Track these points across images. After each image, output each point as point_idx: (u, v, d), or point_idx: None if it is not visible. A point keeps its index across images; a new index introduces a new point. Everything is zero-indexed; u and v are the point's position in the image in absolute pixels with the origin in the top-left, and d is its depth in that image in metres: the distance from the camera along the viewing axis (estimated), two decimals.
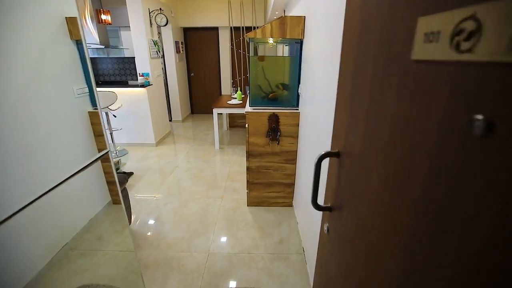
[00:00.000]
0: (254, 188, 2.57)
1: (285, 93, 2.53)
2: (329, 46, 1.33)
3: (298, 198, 2.35)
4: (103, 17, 3.68)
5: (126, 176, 2.20)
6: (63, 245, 1.16)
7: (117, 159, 3.15)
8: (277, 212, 2.56)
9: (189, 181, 3.19)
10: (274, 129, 2.28)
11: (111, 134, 3.94)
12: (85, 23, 4.19)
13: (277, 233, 2.28)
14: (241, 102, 4.13)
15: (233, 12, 5.25)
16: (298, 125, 2.28)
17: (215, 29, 5.73)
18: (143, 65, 4.15)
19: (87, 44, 4.44)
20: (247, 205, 2.67)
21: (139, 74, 4.18)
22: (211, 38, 5.83)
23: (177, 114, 5.77)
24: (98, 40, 4.33)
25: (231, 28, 5.37)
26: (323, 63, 1.45)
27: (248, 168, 2.48)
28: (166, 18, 4.22)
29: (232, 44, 5.55)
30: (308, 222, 1.89)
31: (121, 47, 5.25)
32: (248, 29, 5.42)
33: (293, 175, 2.49)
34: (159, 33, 5.16)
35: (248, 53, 5.55)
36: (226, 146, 4.34)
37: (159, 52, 4.46)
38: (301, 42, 2.12)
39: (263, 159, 2.43)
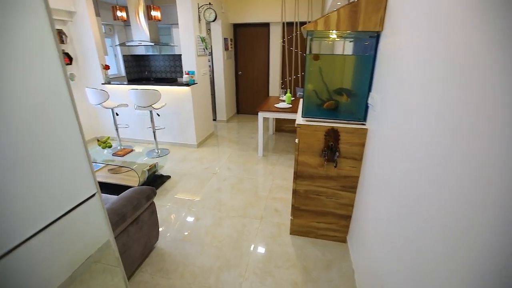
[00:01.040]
0: (300, 215, 2.11)
1: (347, 102, 2.01)
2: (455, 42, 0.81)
3: (356, 237, 1.83)
4: (153, 13, 3.58)
5: (153, 189, 1.95)
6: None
7: (154, 162, 3.00)
8: (326, 248, 2.07)
9: (227, 193, 2.88)
10: (331, 147, 1.79)
11: (154, 132, 3.87)
12: (137, 20, 4.19)
13: (326, 279, 1.79)
14: (290, 106, 3.66)
15: (287, 6, 4.79)
16: (363, 145, 1.75)
17: (266, 25, 5.34)
18: (189, 62, 3.98)
19: (139, 41, 4.47)
20: (290, 233, 2.23)
21: (185, 72, 4.02)
22: (262, 34, 5.46)
23: (222, 113, 5.57)
24: (149, 38, 4.30)
25: (283, 23, 4.92)
26: (436, 67, 0.92)
27: (294, 191, 2.03)
28: (215, 13, 3.97)
29: (283, 41, 5.10)
30: (370, 274, 1.38)
31: (171, 44, 5.22)
32: (303, 24, 4.90)
33: (351, 205, 1.96)
34: (209, 29, 4.98)
35: (301, 51, 5.03)
36: (270, 154, 3.93)
37: (207, 49, 4.25)
38: (377, 36, 1.58)
39: (314, 183, 1.95)
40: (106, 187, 2.92)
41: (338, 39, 2.32)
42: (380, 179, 1.41)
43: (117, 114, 3.96)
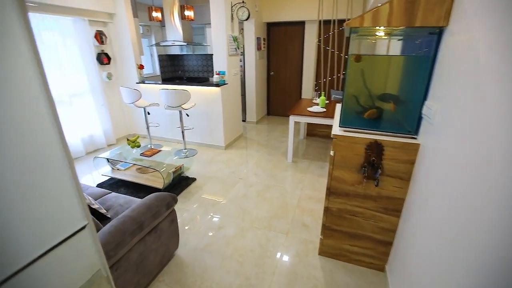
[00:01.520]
0: (331, 235, 1.88)
1: (394, 111, 1.73)
2: None
3: (399, 267, 1.55)
4: (187, 13, 3.55)
5: (174, 197, 1.86)
6: None
7: (180, 163, 2.95)
8: (359, 276, 1.81)
9: (252, 201, 2.73)
10: (373, 163, 1.54)
11: (182, 132, 3.86)
12: (172, 20, 4.21)
13: None
14: (325, 110, 3.40)
15: (324, 3, 4.50)
16: (413, 162, 1.47)
17: (301, 23, 5.09)
18: (220, 62, 3.90)
19: (172, 41, 4.51)
20: (318, 254, 2.00)
21: (216, 72, 3.95)
22: (296, 33, 5.22)
23: (252, 114, 5.45)
24: (182, 37, 4.31)
25: (320, 22, 4.64)
26: None
27: (326, 209, 1.80)
28: (248, 11, 3.83)
29: (319, 40, 4.81)
30: None
31: (204, 44, 5.21)
32: (341, 22, 4.57)
33: (392, 231, 1.69)
34: (242, 29, 4.87)
35: (338, 50, 4.71)
36: (300, 160, 3.71)
37: (238, 49, 4.13)
38: (439, 33, 1.30)
39: (350, 202, 1.71)
40: (133, 187, 2.94)
41: (386, 37, 2.03)
42: (436, 206, 1.14)
43: (148, 113, 4.02)
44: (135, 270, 1.56)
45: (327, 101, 3.91)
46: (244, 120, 5.54)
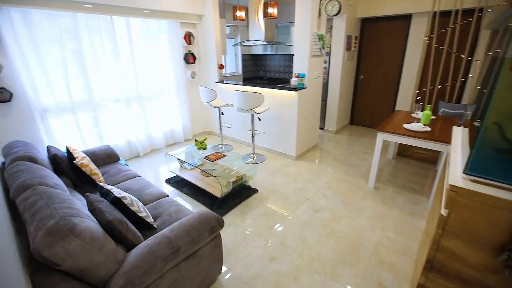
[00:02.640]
0: None
1: None
2: None
3: None
4: (270, 10, 3.29)
5: (220, 220, 1.60)
6: None
7: (241, 174, 2.73)
8: None
9: (316, 232, 2.26)
10: None
11: (252, 136, 3.66)
12: (256, 19, 4.05)
13: None
14: (429, 130, 2.58)
15: None
16: None
17: (407, 17, 4.14)
18: (300, 64, 3.50)
19: (254, 41, 4.36)
20: None
21: (295, 74, 3.57)
22: (398, 30, 4.31)
23: (331, 123, 4.84)
24: (263, 36, 4.10)
25: (434, 13, 3.65)
26: None
27: (421, 287, 1.21)
28: (339, 5, 3.28)
29: (430, 38, 3.81)
30: None
31: (288, 43, 4.89)
32: (467, 12, 3.47)
33: None
34: (330, 26, 4.32)
35: (458, 51, 3.62)
36: (384, 187, 2.98)
37: (324, 49, 3.64)
38: None
39: None
40: (196, 188, 2.89)
41: None
42: None
43: (222, 113, 4.00)
44: None
45: (433, 117, 3.01)
46: (321, 128, 4.99)
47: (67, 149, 2.28)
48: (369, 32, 4.67)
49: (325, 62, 4.55)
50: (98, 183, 1.74)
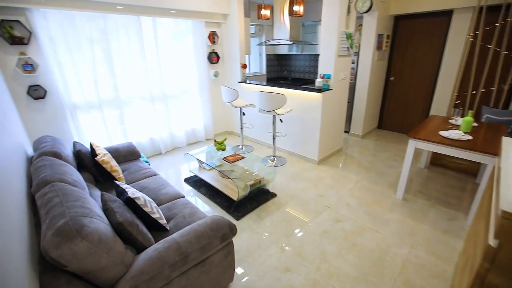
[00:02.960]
0: None
1: None
2: None
3: None
4: (296, 8, 3.16)
5: (233, 227, 1.53)
6: None
7: (259, 177, 2.64)
8: None
9: (336, 244, 2.11)
10: None
11: (273, 138, 3.56)
12: (281, 18, 3.94)
13: None
14: (470, 138, 2.30)
15: None
16: None
17: (447, 13, 3.79)
18: (326, 64, 3.33)
19: (278, 40, 4.24)
20: None
21: (320, 75, 3.41)
22: (436, 27, 3.96)
23: (357, 126, 4.60)
24: (288, 35, 3.98)
25: (480, 8, 3.29)
26: None
27: None
28: (371, 1, 3.07)
29: (475, 36, 3.45)
30: None
31: (314, 43, 4.71)
32: None
33: None
34: (360, 25, 4.09)
35: (508, 50, 3.24)
36: (415, 199, 2.73)
37: (352, 48, 3.43)
38: None
39: None
40: (214, 188, 2.86)
41: None
42: None
43: (243, 114, 3.94)
44: None
45: (475, 124, 2.70)
46: (347, 131, 4.76)
47: (91, 146, 2.34)
48: (402, 30, 4.35)
49: (352, 62, 4.32)
50: (115, 181, 1.75)
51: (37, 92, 2.84)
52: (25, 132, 2.71)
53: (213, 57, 4.24)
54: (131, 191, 1.59)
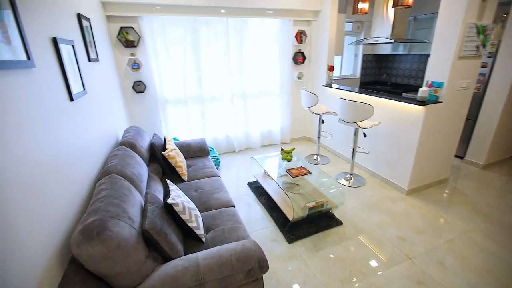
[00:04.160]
0: None
1: None
2: None
3: None
4: None
5: (265, 263, 1.27)
6: None
7: (323, 200, 2.24)
8: None
9: None
10: None
11: (353, 154, 3.04)
12: (383, 12, 3.31)
13: None
14: None
15: None
16: None
17: None
18: (439, 67, 2.55)
19: (375, 38, 3.57)
20: None
21: (426, 82, 2.66)
22: None
23: (479, 151, 3.43)
24: (390, 33, 3.29)
25: None
26: None
27: None
28: None
29: None
30: None
31: (426, 41, 3.77)
32: None
33: None
34: (505, 14, 2.97)
35: None
36: None
37: (484, 47, 2.51)
38: None
39: None
40: (272, 200, 2.65)
41: None
42: None
43: (323, 121, 3.53)
44: None
45: None
46: (460, 157, 3.63)
47: (164, 139, 2.52)
48: None
49: (483, 66, 3.21)
50: (167, 180, 1.78)
51: (139, 87, 3.31)
52: (127, 120, 3.20)
53: (299, 58, 3.99)
54: (174, 195, 1.56)
